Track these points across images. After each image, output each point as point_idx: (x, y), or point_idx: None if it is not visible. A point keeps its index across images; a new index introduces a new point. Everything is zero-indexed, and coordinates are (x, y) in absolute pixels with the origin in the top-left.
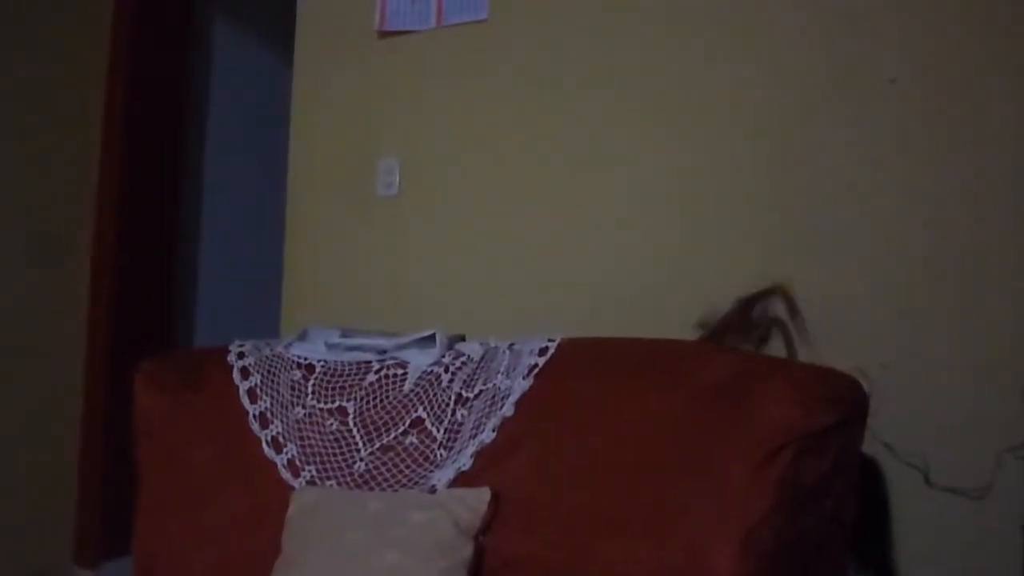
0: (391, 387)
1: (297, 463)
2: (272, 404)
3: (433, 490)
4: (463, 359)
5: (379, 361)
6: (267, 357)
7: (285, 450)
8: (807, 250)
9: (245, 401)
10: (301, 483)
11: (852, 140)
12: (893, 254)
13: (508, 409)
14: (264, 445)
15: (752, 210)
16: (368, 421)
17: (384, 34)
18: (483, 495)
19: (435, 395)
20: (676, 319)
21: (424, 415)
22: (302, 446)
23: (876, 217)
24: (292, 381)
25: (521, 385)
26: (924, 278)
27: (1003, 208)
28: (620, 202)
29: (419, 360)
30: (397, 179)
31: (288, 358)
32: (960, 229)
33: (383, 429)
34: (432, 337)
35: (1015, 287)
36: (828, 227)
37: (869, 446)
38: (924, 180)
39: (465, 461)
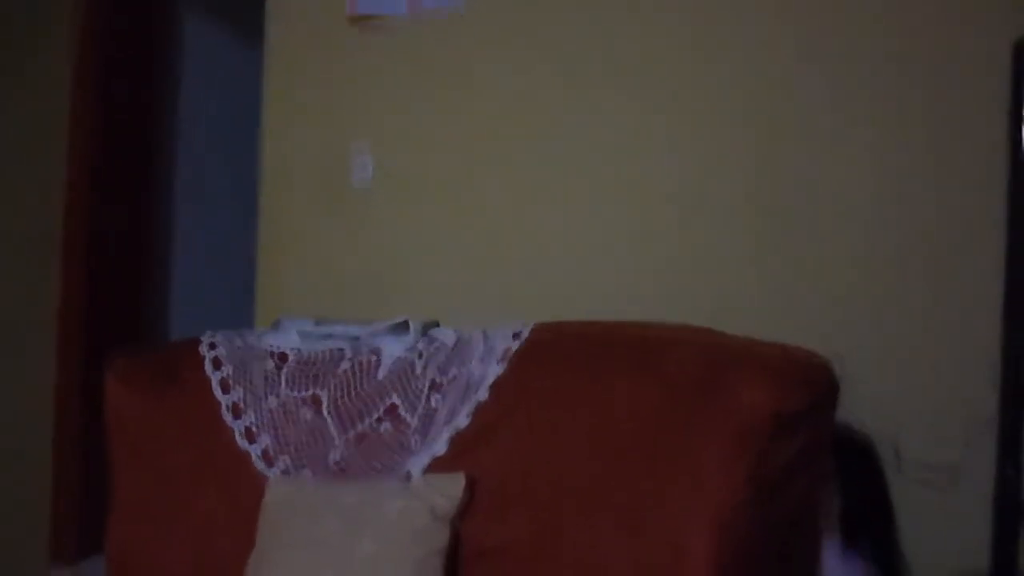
0: (365, 375)
1: (271, 453)
2: (245, 394)
3: (408, 476)
4: (437, 345)
5: (352, 349)
6: (239, 348)
7: (259, 440)
8: (781, 234)
9: (218, 392)
10: (275, 473)
11: (829, 126)
12: (864, 239)
13: (482, 394)
14: (237, 436)
15: (732, 196)
16: (342, 409)
17: (356, 19)
18: (458, 480)
19: (409, 382)
20: (652, 306)
21: (398, 402)
22: (276, 436)
23: (847, 202)
24: (265, 371)
25: (495, 370)
26: (894, 262)
27: (971, 193)
28: (595, 191)
29: (393, 347)
30: (371, 169)
31: (261, 348)
32: (929, 214)
33: (357, 417)
34: (405, 324)
35: (983, 270)
36: (803, 211)
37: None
38: (897, 167)
39: (440, 447)
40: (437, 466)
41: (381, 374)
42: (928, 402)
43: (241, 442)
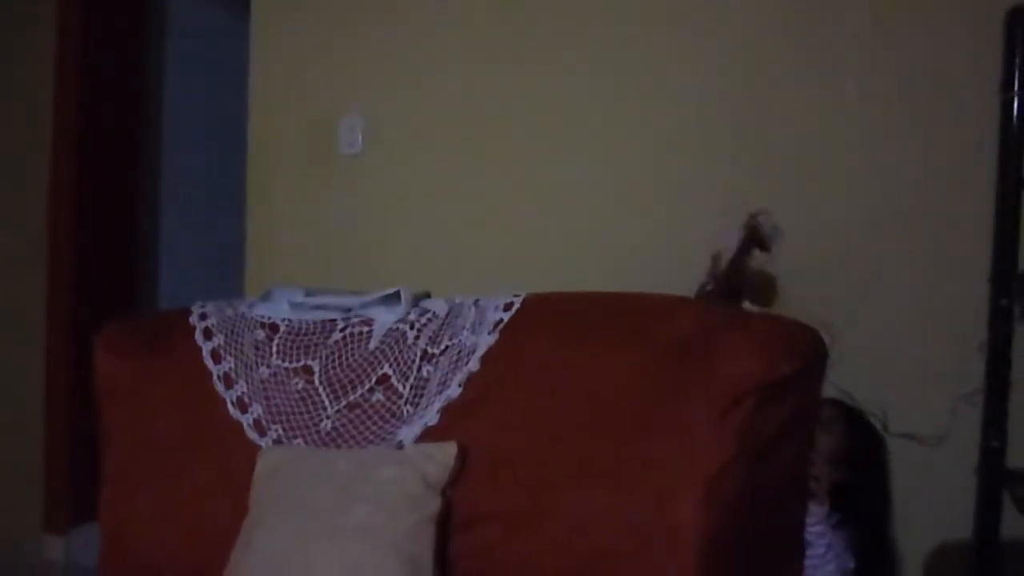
0: (357, 345)
1: (263, 423)
2: (236, 364)
3: (400, 446)
4: (428, 316)
5: (344, 319)
6: (230, 317)
7: (251, 410)
8: (769, 203)
9: (209, 362)
10: (267, 443)
11: (815, 98)
12: (853, 209)
13: (474, 364)
14: (229, 405)
15: (718, 168)
16: (334, 379)
17: None
18: (450, 449)
19: (401, 352)
20: (641, 278)
21: (390, 372)
22: (268, 406)
23: (837, 173)
24: (256, 341)
25: (486, 340)
26: (883, 233)
27: (962, 164)
28: (590, 159)
29: (384, 318)
30: (360, 136)
31: (252, 318)
32: (918, 184)
33: (349, 387)
34: (397, 295)
35: (971, 240)
36: (789, 183)
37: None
38: (884, 138)
39: (432, 416)
40: (429, 435)
41: (373, 344)
42: (914, 373)
43: (233, 412)
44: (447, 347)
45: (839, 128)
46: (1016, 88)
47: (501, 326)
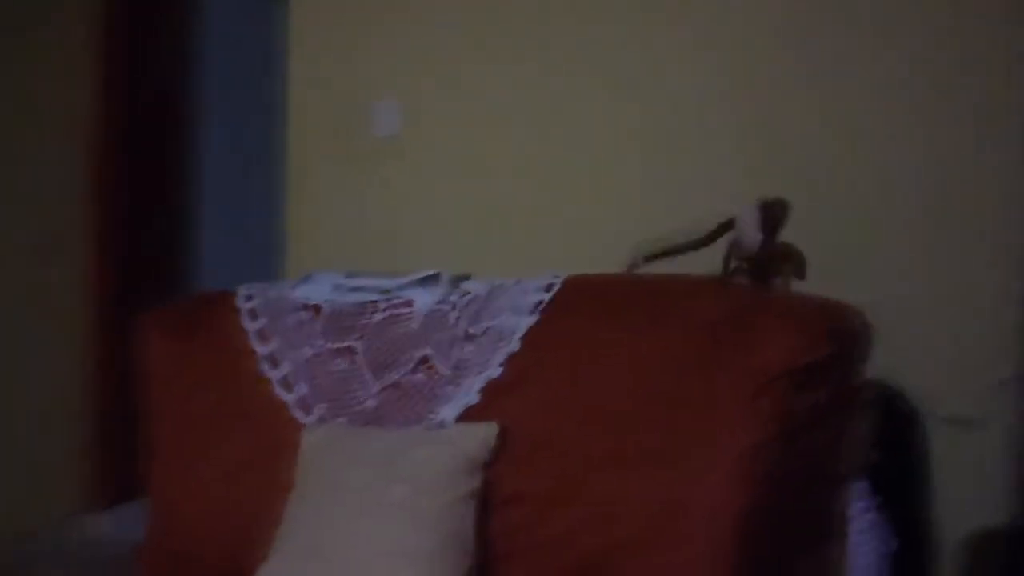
0: (398, 326)
1: (308, 402)
2: (281, 345)
3: (441, 425)
4: (469, 297)
5: (385, 301)
6: (274, 299)
7: (295, 389)
8: (806, 188)
9: (254, 342)
10: (312, 421)
11: (848, 76)
12: (892, 191)
13: (514, 345)
14: (275, 385)
15: (747, 151)
16: (376, 359)
17: None
18: (491, 429)
19: (442, 333)
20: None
21: (431, 352)
22: (312, 385)
23: (873, 155)
24: (300, 322)
25: (527, 321)
26: (924, 213)
27: (998, 146)
28: (627, 140)
29: (425, 299)
30: (397, 120)
31: (295, 300)
32: (956, 164)
33: (391, 367)
34: (436, 276)
35: (1012, 220)
36: (823, 164)
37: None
38: (922, 116)
39: (472, 396)
40: (469, 415)
41: (414, 325)
42: (955, 356)
43: (279, 391)
44: (488, 328)
45: (877, 105)
46: None
47: (541, 307)
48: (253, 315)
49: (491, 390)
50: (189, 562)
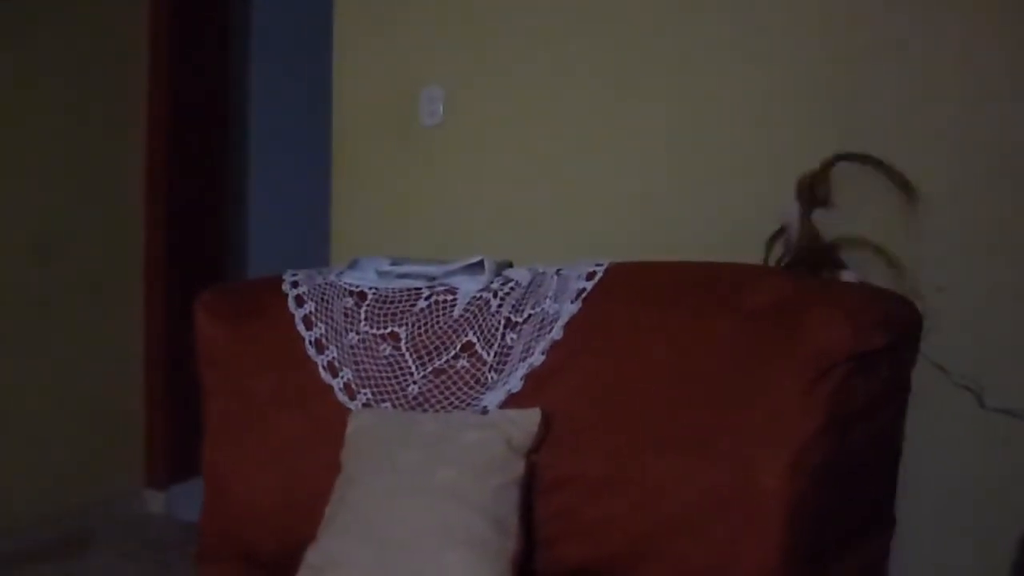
0: (441, 313)
1: (353, 386)
2: (327, 330)
3: (485, 411)
4: (511, 284)
5: (429, 288)
6: (320, 285)
7: (341, 374)
8: (855, 171)
9: (301, 328)
10: (357, 406)
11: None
12: (945, 176)
13: (557, 332)
14: (321, 370)
15: (790, 137)
16: (420, 346)
17: None
18: (534, 415)
19: (485, 320)
20: (725, 241)
21: (474, 339)
22: (357, 370)
23: (928, 137)
24: (345, 308)
25: (569, 309)
26: (978, 199)
27: None
28: (669, 127)
29: (468, 286)
30: (441, 108)
31: (340, 286)
32: (1019, 147)
33: (435, 353)
34: (480, 264)
35: None
36: (874, 148)
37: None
38: (982, 89)
39: (515, 383)
40: (512, 402)
41: (457, 312)
42: (1011, 347)
43: (325, 375)
44: (530, 315)
45: (940, 77)
46: None
47: (584, 295)
48: (300, 301)
49: (534, 377)
50: (241, 541)
